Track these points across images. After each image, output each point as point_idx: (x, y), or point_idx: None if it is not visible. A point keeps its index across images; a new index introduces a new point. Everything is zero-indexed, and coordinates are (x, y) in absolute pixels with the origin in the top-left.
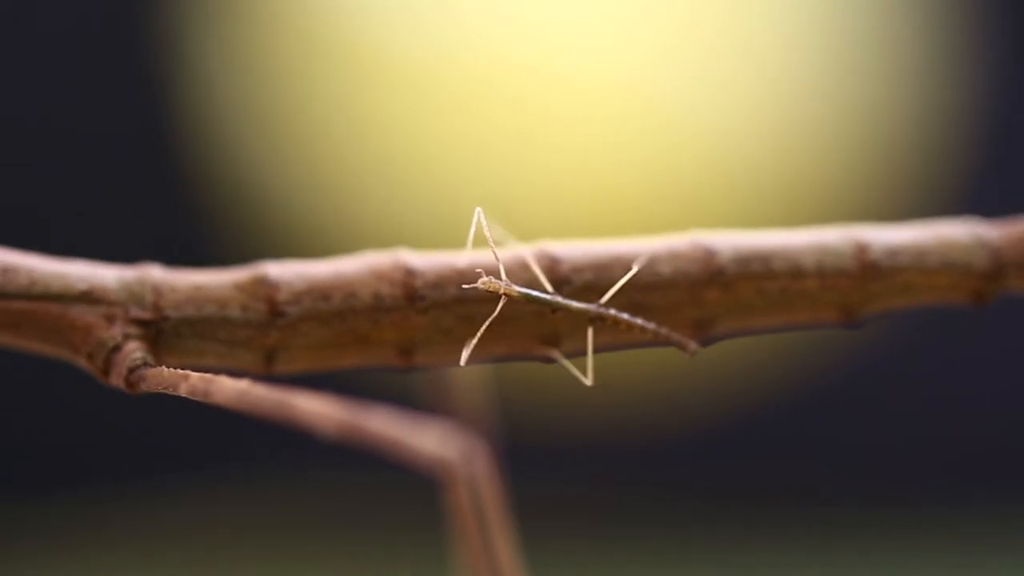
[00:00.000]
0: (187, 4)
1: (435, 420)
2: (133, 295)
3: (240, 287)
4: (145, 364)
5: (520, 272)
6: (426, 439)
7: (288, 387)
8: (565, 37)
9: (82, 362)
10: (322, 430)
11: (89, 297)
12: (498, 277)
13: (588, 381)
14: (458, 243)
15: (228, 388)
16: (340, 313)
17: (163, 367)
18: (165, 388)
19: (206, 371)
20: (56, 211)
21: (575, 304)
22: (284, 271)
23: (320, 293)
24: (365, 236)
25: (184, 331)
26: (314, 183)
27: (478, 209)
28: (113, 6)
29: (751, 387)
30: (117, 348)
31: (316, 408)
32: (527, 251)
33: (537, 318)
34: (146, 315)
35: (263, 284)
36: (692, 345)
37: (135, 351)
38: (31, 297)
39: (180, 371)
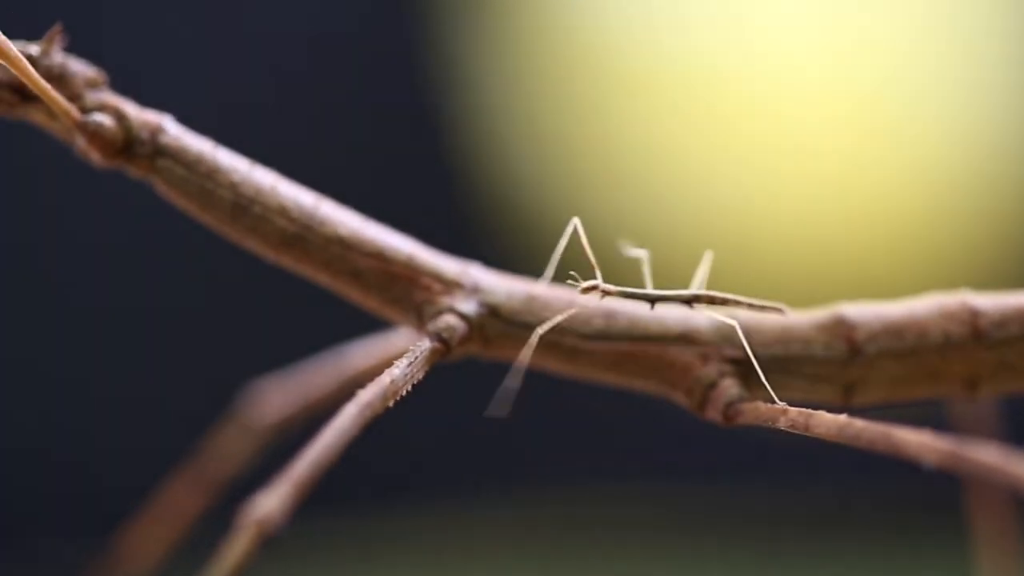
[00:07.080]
0: (455, 15)
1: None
2: (724, 336)
3: (821, 328)
4: (741, 399)
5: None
6: None
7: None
8: (802, 48)
9: (679, 397)
10: (924, 459)
11: (686, 338)
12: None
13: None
14: (689, 245)
15: (828, 421)
16: (913, 350)
17: (758, 402)
18: (762, 421)
19: (792, 405)
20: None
21: (671, 293)
22: (861, 312)
23: (895, 333)
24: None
25: (772, 368)
26: (573, 185)
27: (575, 219)
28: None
29: None
30: (713, 385)
31: (917, 439)
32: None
33: None
34: (738, 354)
35: (843, 325)
36: (784, 309)
37: (731, 387)
38: (632, 339)
39: (778, 406)
